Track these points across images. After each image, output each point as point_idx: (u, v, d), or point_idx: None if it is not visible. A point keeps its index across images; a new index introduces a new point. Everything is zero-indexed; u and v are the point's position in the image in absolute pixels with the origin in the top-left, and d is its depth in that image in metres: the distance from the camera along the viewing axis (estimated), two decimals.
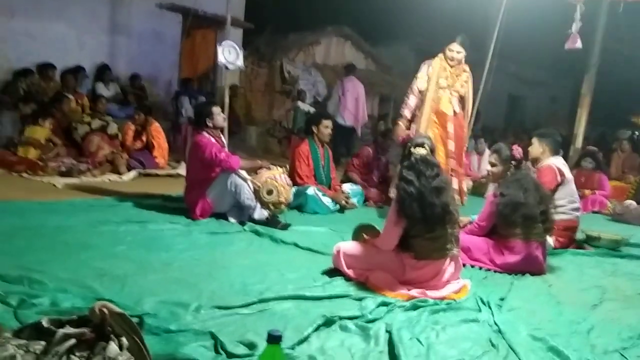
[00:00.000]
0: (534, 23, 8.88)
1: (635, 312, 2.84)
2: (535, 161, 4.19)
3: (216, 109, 4.36)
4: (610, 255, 4.13)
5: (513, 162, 3.63)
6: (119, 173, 5.78)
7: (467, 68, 5.23)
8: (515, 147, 3.72)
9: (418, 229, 2.80)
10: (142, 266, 2.87)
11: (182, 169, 5.99)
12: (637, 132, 11.44)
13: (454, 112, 5.14)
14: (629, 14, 6.68)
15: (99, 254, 2.99)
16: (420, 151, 2.93)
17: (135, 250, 3.15)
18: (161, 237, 3.50)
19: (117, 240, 3.30)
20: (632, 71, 11.53)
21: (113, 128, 6.40)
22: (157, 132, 6.51)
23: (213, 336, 2.06)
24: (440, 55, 5.14)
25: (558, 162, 4.12)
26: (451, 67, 5.10)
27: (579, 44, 5.91)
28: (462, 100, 5.22)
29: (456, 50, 5.08)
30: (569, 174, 4.12)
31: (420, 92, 5.11)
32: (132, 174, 5.86)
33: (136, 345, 1.28)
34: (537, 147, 4.16)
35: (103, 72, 7.77)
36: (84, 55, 7.66)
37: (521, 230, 3.38)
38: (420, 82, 5.14)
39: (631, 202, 6.22)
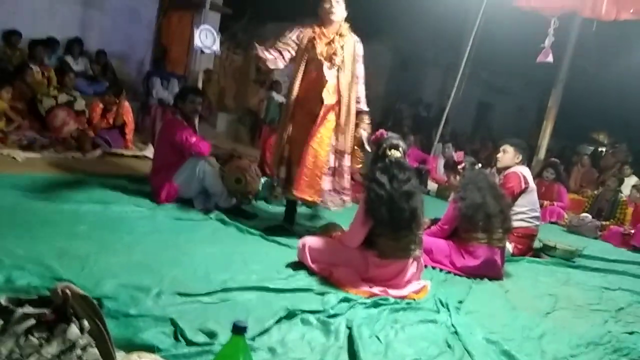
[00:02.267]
0: (509, 33, 9.07)
1: (585, 322, 2.97)
2: (503, 169, 4.26)
3: (194, 97, 4.26)
4: (564, 265, 4.28)
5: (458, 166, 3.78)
6: (84, 150, 5.62)
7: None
8: (457, 153, 3.88)
9: (384, 229, 2.83)
10: (104, 247, 2.81)
11: (148, 151, 5.88)
12: (599, 148, 11.87)
13: None
14: (599, 34, 6.90)
15: (59, 233, 2.91)
16: (396, 154, 2.96)
17: (97, 230, 3.08)
18: (124, 219, 3.43)
19: (79, 220, 3.22)
20: (596, 89, 11.95)
21: (80, 104, 6.21)
22: (127, 112, 6.35)
23: (173, 323, 2.04)
24: None
25: (524, 170, 4.24)
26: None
27: (550, 58, 6.08)
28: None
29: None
30: (532, 184, 4.24)
31: None
32: (97, 152, 5.71)
33: (97, 328, 1.26)
34: (511, 156, 4.23)
35: (73, 46, 7.53)
36: (54, 25, 7.39)
37: (483, 234, 3.47)
38: None
39: (587, 215, 6.46)
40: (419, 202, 2.89)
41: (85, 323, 1.26)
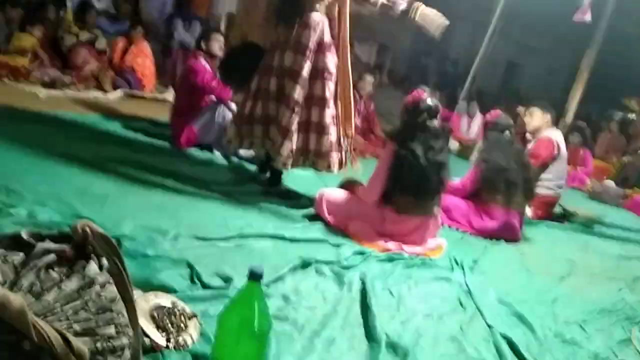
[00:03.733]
0: None
1: (599, 289, 2.94)
2: (534, 132, 4.16)
3: (216, 35, 4.21)
4: (583, 231, 4.22)
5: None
6: (104, 90, 5.61)
7: None
8: (492, 112, 3.76)
9: (407, 192, 2.81)
10: (124, 188, 2.84)
11: (169, 94, 5.84)
12: (629, 115, 11.48)
13: None
14: None
15: (80, 171, 2.94)
16: (435, 123, 2.89)
17: (117, 171, 3.10)
18: (144, 161, 3.44)
19: (100, 159, 3.23)
20: (634, 53, 11.43)
21: (102, 43, 6.14)
22: (141, 53, 6.26)
23: (189, 265, 2.07)
24: None
25: (558, 136, 4.14)
26: None
27: (588, 17, 5.80)
28: None
29: None
30: (564, 151, 4.15)
31: None
32: (118, 92, 5.70)
33: (116, 267, 1.27)
34: (539, 116, 4.13)
35: None
36: None
37: (503, 196, 3.43)
38: None
39: (610, 182, 6.33)
40: (448, 172, 2.88)
41: (104, 261, 1.27)
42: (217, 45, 4.18)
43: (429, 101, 2.90)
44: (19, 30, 5.42)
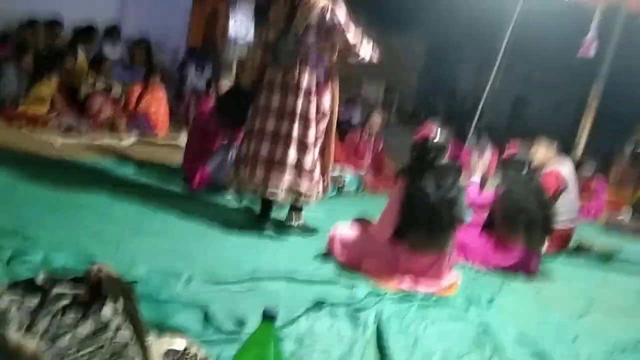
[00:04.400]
0: (549, 26, 8.78)
1: (620, 325, 2.87)
2: (540, 166, 4.16)
3: (224, 81, 4.32)
4: (600, 266, 4.15)
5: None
6: (119, 136, 5.73)
7: None
8: (510, 144, 3.76)
9: (419, 229, 2.80)
10: (137, 231, 2.86)
11: (181, 139, 5.94)
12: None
13: None
14: None
15: (94, 215, 2.97)
16: (443, 159, 2.90)
17: (131, 214, 3.14)
18: (157, 204, 3.47)
19: (114, 203, 3.28)
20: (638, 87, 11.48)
21: (117, 90, 6.32)
22: (155, 99, 6.42)
23: (203, 308, 2.06)
24: None
25: (564, 168, 4.13)
26: None
27: (592, 52, 5.86)
28: None
29: None
30: (573, 182, 4.13)
31: None
32: (132, 138, 5.81)
33: (130, 311, 1.27)
34: (542, 152, 4.14)
35: (112, 33, 7.64)
36: (93, 11, 7.51)
37: (521, 234, 3.38)
38: None
39: (625, 215, 6.25)
40: (460, 208, 2.86)
41: (119, 304, 1.27)
42: (226, 83, 4.30)
43: (438, 138, 2.92)
44: (33, 80, 5.59)
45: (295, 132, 3.22)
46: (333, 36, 3.25)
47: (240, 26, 5.47)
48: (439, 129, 2.98)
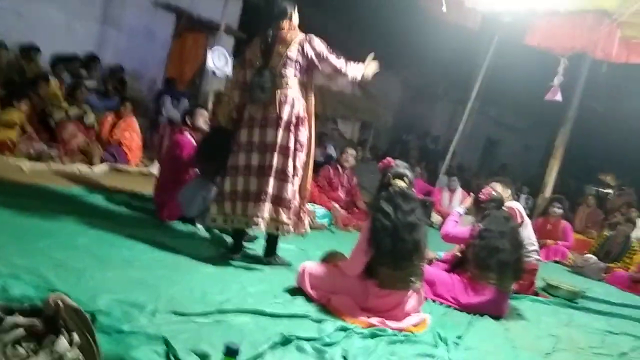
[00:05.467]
0: (518, 71, 9.13)
1: None
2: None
3: (201, 111, 4.35)
4: (567, 305, 4.20)
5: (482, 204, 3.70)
6: (91, 164, 5.64)
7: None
8: (486, 188, 3.80)
9: (385, 259, 2.80)
10: (102, 261, 2.79)
11: (155, 168, 5.89)
12: (605, 190, 11.81)
13: None
14: (609, 75, 6.94)
15: (58, 244, 2.89)
16: (400, 184, 2.94)
17: (96, 244, 3.07)
18: (125, 234, 3.41)
19: (79, 232, 3.21)
20: (605, 130, 11.94)
21: (90, 118, 6.26)
22: (129, 128, 6.39)
23: (166, 342, 2.01)
24: None
25: (518, 205, 4.29)
26: None
27: (558, 97, 6.09)
28: None
29: None
30: (527, 218, 4.27)
31: None
32: (104, 166, 5.74)
33: (87, 343, 1.23)
34: (500, 191, 4.23)
35: (90, 63, 7.62)
36: (71, 41, 7.49)
37: (493, 276, 3.40)
38: None
39: (591, 256, 6.37)
40: (422, 235, 2.87)
41: (75, 336, 1.24)
42: (202, 119, 4.31)
43: (397, 164, 3.02)
44: (2, 105, 5.50)
45: (275, 163, 3.27)
46: (316, 65, 3.34)
47: (219, 60, 5.51)
48: (402, 162, 3.08)
